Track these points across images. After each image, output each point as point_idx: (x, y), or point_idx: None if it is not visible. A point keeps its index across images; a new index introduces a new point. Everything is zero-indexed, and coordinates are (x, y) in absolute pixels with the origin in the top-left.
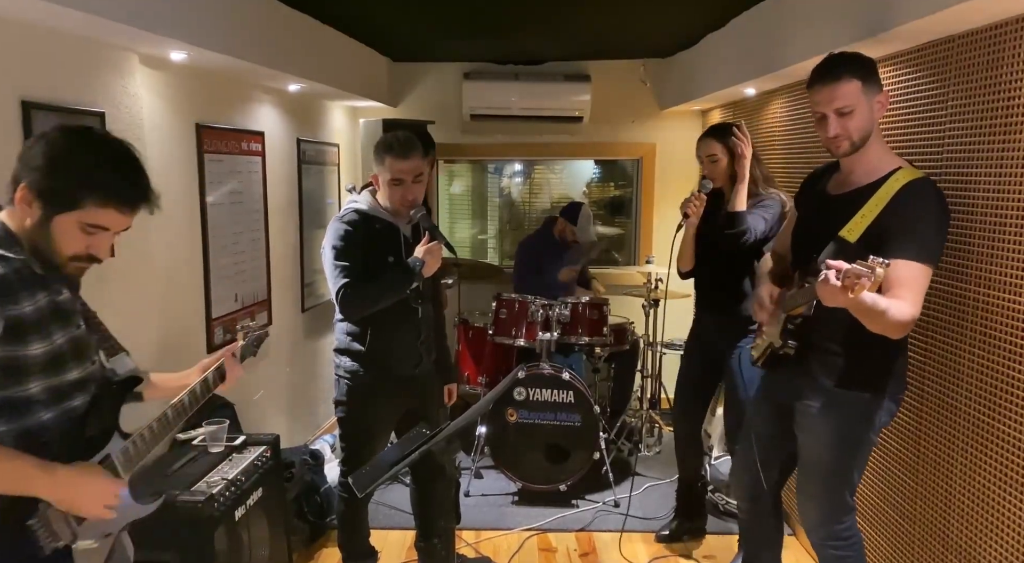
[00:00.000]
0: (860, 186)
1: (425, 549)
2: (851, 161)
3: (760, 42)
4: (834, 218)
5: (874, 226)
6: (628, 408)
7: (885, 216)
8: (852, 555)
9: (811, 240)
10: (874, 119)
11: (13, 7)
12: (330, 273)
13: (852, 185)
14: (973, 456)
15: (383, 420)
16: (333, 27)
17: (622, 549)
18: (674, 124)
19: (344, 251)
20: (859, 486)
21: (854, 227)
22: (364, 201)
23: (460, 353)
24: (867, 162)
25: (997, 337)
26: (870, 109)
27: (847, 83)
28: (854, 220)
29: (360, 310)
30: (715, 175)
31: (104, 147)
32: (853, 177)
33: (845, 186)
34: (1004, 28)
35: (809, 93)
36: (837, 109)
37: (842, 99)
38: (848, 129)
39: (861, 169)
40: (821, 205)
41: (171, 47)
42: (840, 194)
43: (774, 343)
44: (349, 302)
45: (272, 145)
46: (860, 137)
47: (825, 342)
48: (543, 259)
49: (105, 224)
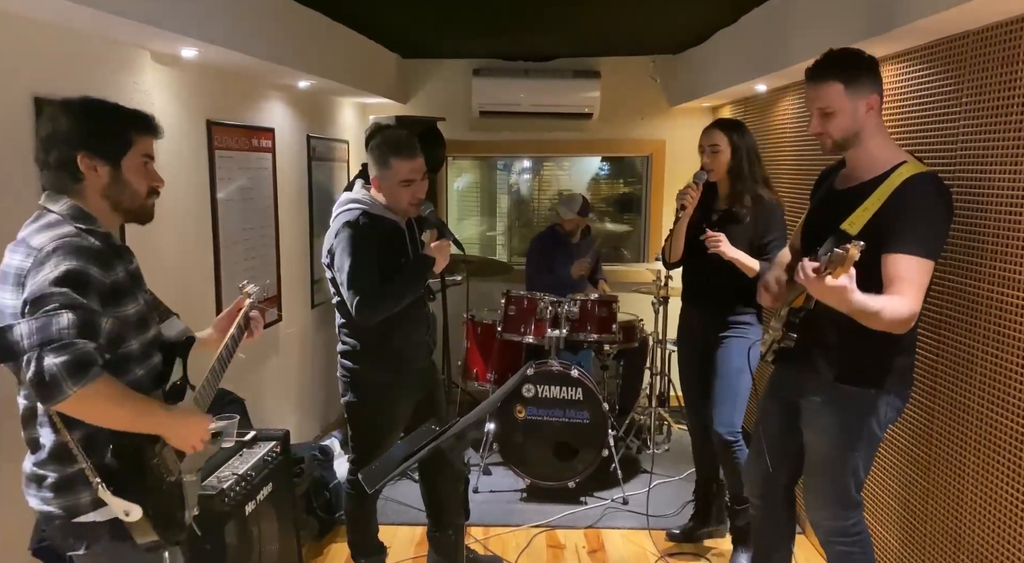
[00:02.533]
0: (864, 180)
1: (439, 539)
2: (855, 157)
3: (770, 39)
4: (838, 212)
5: (875, 219)
6: (637, 405)
7: (886, 210)
8: (859, 552)
9: (817, 234)
10: (861, 120)
11: (26, 4)
12: (346, 282)
13: (856, 180)
14: (985, 455)
15: (399, 419)
16: (343, 24)
17: (630, 547)
18: (684, 121)
19: (360, 259)
20: (870, 485)
21: (855, 220)
22: (367, 200)
23: (469, 350)
24: (870, 157)
25: (1010, 336)
26: (854, 110)
27: (829, 85)
28: (856, 213)
29: (380, 316)
30: (714, 166)
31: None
32: (857, 172)
33: (850, 181)
34: (1018, 24)
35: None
36: (820, 109)
37: (823, 100)
38: (828, 129)
39: (865, 164)
40: (828, 199)
41: (182, 44)
42: (845, 189)
43: (777, 336)
44: (370, 311)
45: (282, 141)
46: (841, 137)
47: (825, 336)
48: (554, 256)
49: (150, 152)
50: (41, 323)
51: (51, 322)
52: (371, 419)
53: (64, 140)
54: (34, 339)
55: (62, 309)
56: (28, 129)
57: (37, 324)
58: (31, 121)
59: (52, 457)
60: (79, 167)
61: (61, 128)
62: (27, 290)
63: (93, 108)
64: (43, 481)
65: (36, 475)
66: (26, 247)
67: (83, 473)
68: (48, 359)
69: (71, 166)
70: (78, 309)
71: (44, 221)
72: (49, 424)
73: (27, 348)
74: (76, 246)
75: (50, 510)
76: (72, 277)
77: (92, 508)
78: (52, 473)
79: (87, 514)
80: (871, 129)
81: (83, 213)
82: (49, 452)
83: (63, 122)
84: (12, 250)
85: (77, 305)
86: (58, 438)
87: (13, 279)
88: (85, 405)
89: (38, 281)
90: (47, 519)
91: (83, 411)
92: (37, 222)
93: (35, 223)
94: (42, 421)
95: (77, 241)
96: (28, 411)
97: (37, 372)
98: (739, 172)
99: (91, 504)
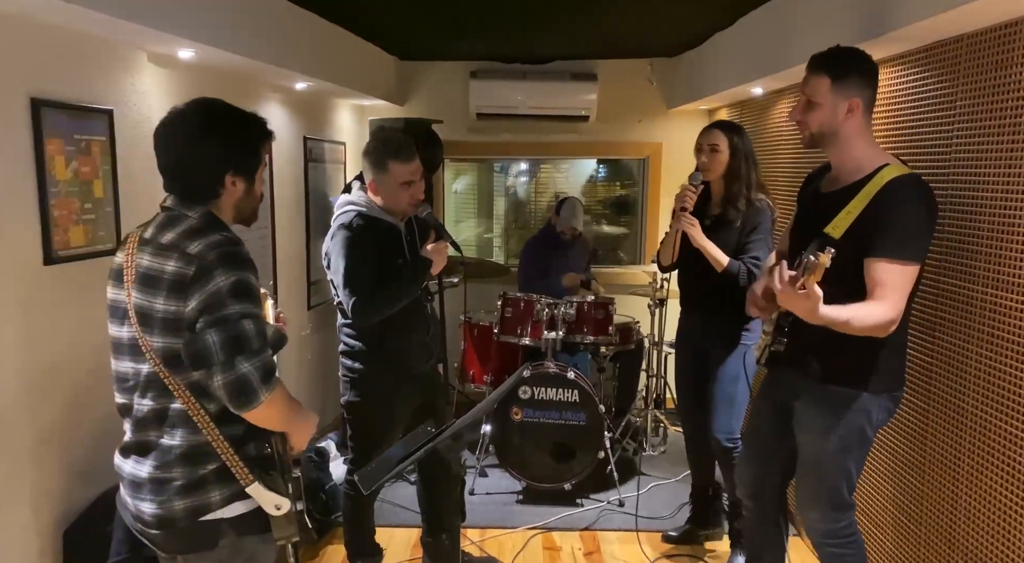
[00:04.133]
0: (847, 184)
1: (432, 545)
2: (840, 160)
3: (768, 41)
4: (823, 215)
5: (858, 222)
6: (633, 407)
7: (868, 213)
8: (852, 554)
9: (803, 238)
10: (839, 119)
11: (22, 4)
12: (341, 283)
13: (841, 183)
14: (980, 457)
15: (399, 420)
16: (340, 25)
17: (626, 549)
18: (681, 123)
19: (355, 261)
20: (865, 486)
21: (839, 223)
22: (363, 202)
23: (465, 352)
24: (853, 160)
25: (1005, 338)
26: (834, 107)
27: (818, 77)
28: (839, 217)
29: (377, 318)
30: (712, 165)
31: (237, 111)
32: (842, 175)
33: (835, 184)
34: (1013, 28)
35: None
36: (807, 97)
37: (810, 89)
38: (807, 119)
39: (848, 167)
40: (814, 203)
41: (179, 45)
42: (829, 192)
43: (768, 340)
44: (366, 313)
45: (279, 143)
46: (817, 130)
47: (813, 338)
48: (549, 259)
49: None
50: (230, 333)
51: (239, 332)
52: (371, 418)
53: (213, 158)
54: (228, 348)
55: (244, 319)
56: (25, 130)
57: (227, 334)
58: (28, 122)
59: (181, 459)
60: (225, 183)
61: (210, 146)
62: (198, 299)
63: (243, 121)
64: (167, 483)
65: (158, 478)
66: (180, 254)
67: (216, 472)
68: (243, 367)
69: (215, 183)
70: (256, 318)
71: (187, 226)
72: (184, 426)
73: (222, 357)
74: (237, 255)
75: (175, 512)
76: (243, 287)
77: (222, 505)
78: (180, 475)
79: (214, 512)
80: (853, 131)
81: (219, 221)
82: (178, 454)
83: (210, 140)
84: (157, 253)
85: (254, 314)
86: (194, 440)
87: (168, 285)
88: (270, 409)
89: (211, 291)
90: (166, 522)
91: (265, 414)
92: (178, 226)
93: (176, 227)
94: (174, 423)
95: (235, 250)
96: (154, 414)
97: (235, 380)
98: (736, 174)
99: (221, 501)
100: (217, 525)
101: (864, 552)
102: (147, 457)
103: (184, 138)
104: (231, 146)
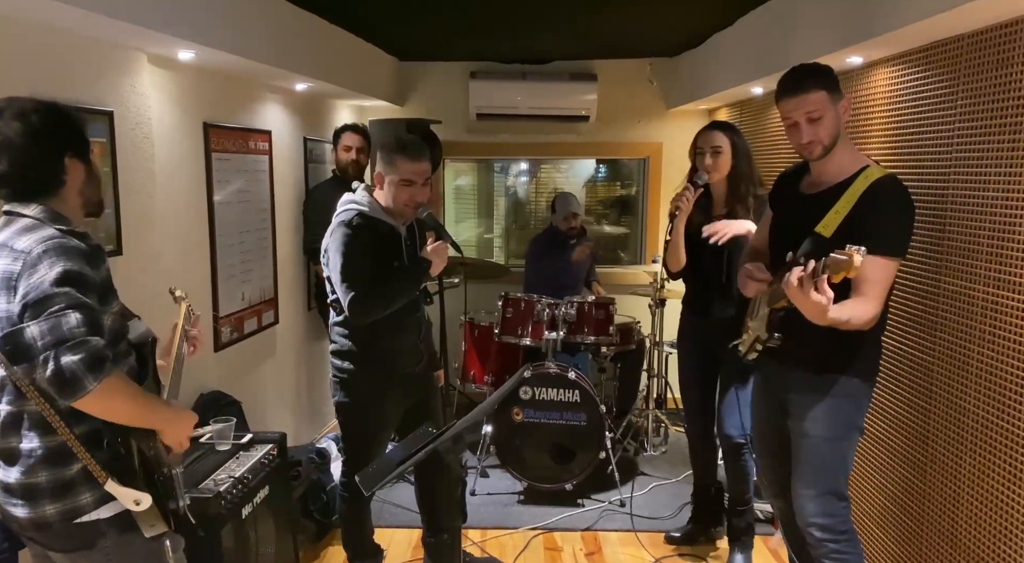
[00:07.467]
0: (832, 185)
1: (433, 544)
2: (821, 162)
3: (767, 41)
4: (810, 216)
5: (847, 221)
6: (634, 407)
7: (856, 212)
8: (852, 552)
9: (789, 238)
10: (841, 123)
11: (21, 6)
12: (339, 280)
13: (824, 184)
14: (981, 457)
15: (388, 421)
16: (340, 26)
17: (628, 549)
18: (681, 123)
19: (353, 258)
20: (866, 486)
21: (829, 223)
22: (365, 202)
23: (466, 352)
24: (836, 163)
25: (1005, 337)
26: (836, 114)
27: (814, 93)
28: (828, 216)
29: (373, 316)
30: (717, 167)
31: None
32: (825, 177)
33: (818, 186)
34: (1013, 28)
35: (778, 105)
36: (808, 115)
37: (811, 106)
38: (819, 134)
39: (831, 170)
40: (796, 205)
41: (179, 46)
42: (813, 193)
43: (760, 336)
44: (362, 310)
45: (279, 144)
46: (831, 140)
47: (802, 329)
48: (554, 256)
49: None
50: (52, 324)
51: (61, 322)
52: (360, 420)
53: (47, 145)
54: (48, 339)
55: (68, 309)
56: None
57: (48, 325)
58: None
59: (44, 462)
60: (65, 169)
61: (40, 132)
62: (23, 293)
63: (61, 109)
64: (35, 489)
65: (25, 484)
66: (9, 251)
67: (82, 473)
68: (65, 357)
69: (57, 168)
70: (83, 308)
71: (20, 225)
72: (39, 428)
73: (42, 349)
74: (65, 247)
75: (47, 516)
76: (71, 277)
77: (95, 506)
78: (46, 479)
79: (89, 513)
80: (843, 133)
81: (59, 215)
82: (40, 458)
83: (40, 129)
84: None
85: (81, 304)
86: (51, 441)
87: (2, 283)
88: (104, 400)
89: (35, 283)
90: (40, 526)
91: (102, 406)
92: (10, 227)
93: (9, 228)
94: (29, 426)
95: (66, 241)
96: (11, 417)
97: (57, 371)
98: (741, 173)
99: (94, 503)
100: (94, 526)
101: (860, 550)
102: (13, 464)
103: (12, 134)
104: (60, 130)
